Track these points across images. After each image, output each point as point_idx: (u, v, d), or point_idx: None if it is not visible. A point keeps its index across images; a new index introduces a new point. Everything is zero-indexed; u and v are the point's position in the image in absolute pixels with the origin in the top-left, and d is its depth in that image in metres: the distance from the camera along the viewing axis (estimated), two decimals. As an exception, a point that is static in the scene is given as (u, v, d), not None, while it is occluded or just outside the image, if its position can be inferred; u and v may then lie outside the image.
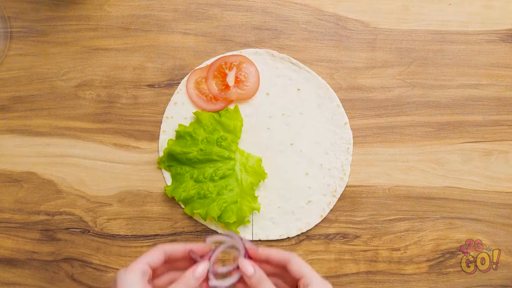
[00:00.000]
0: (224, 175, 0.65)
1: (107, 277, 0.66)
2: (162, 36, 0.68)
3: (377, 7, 0.68)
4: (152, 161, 0.67)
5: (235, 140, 0.66)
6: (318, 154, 0.67)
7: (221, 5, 0.68)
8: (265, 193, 0.67)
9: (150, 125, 0.67)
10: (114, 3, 0.68)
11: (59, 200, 0.67)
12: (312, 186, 0.67)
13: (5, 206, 0.67)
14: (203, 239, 0.67)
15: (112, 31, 0.68)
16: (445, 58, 0.68)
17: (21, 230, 0.67)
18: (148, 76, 0.67)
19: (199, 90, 0.67)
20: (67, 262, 0.66)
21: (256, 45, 0.68)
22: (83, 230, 0.67)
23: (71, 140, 0.67)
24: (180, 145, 0.65)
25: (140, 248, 0.66)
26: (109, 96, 0.67)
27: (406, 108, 0.68)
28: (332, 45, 0.68)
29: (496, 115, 0.68)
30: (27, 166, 0.67)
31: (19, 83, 0.67)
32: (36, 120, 0.67)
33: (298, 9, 0.68)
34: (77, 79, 0.67)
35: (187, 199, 0.65)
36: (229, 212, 0.64)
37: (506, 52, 0.68)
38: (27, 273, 0.66)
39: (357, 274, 0.67)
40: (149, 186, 0.67)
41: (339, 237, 0.67)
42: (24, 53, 0.67)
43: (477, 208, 0.67)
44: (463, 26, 0.69)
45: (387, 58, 0.68)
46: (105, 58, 0.67)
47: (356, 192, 0.67)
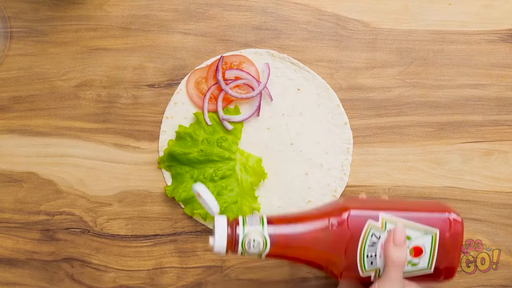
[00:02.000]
0: (224, 175, 0.65)
1: (107, 277, 0.67)
2: (162, 36, 0.68)
3: (377, 7, 0.68)
4: (152, 161, 0.67)
5: (235, 141, 0.66)
6: (318, 154, 0.67)
7: (221, 5, 0.68)
8: (265, 193, 0.67)
9: (150, 125, 0.67)
10: (114, 3, 0.68)
11: (59, 200, 0.67)
12: (312, 186, 0.67)
13: (5, 206, 0.67)
14: (203, 239, 0.67)
15: (112, 31, 0.68)
16: (445, 58, 0.68)
17: (21, 230, 0.67)
18: (148, 76, 0.68)
19: (199, 90, 0.67)
20: (67, 262, 0.66)
21: (256, 45, 0.68)
22: (83, 230, 0.67)
23: (71, 140, 0.67)
24: (180, 146, 0.65)
25: (140, 248, 0.67)
26: (109, 96, 0.67)
27: (406, 108, 0.68)
28: (332, 45, 0.68)
29: (496, 115, 0.68)
30: (27, 166, 0.67)
31: (19, 83, 0.67)
32: (36, 120, 0.67)
33: (298, 9, 0.68)
34: (77, 79, 0.67)
35: (187, 199, 0.65)
36: (229, 212, 0.64)
37: (506, 52, 0.68)
38: (27, 273, 0.66)
39: (357, 274, 0.67)
40: (149, 186, 0.67)
41: (339, 237, 0.67)
42: (24, 53, 0.67)
43: (477, 208, 0.67)
44: (463, 26, 0.69)
45: (387, 58, 0.68)
46: (105, 58, 0.67)
47: (356, 192, 0.67)
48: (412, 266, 0.52)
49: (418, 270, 0.53)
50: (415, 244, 0.52)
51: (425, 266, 0.52)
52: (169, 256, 0.67)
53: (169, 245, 0.67)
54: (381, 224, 0.51)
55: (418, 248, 0.52)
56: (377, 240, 0.51)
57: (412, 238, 0.52)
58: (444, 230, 0.52)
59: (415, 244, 0.52)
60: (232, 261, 0.67)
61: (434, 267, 0.52)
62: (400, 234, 0.51)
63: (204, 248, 0.67)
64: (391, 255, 0.50)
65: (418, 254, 0.52)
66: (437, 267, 0.52)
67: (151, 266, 0.67)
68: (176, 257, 0.67)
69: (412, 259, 0.52)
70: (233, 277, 0.67)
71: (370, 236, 0.51)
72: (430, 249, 0.52)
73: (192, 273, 0.67)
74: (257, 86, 0.66)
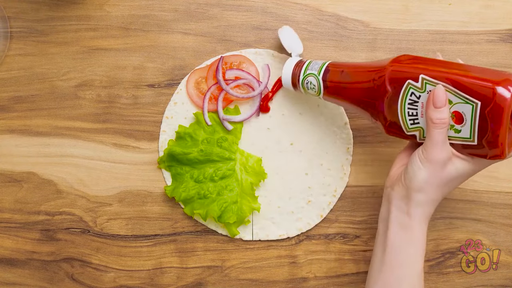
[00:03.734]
0: (224, 175, 0.65)
1: (107, 277, 0.67)
2: (162, 36, 0.68)
3: (377, 7, 0.68)
4: (152, 161, 0.67)
5: (235, 141, 0.66)
6: (318, 154, 0.67)
7: (221, 5, 0.68)
8: (265, 193, 0.67)
9: (150, 125, 0.67)
10: (114, 3, 0.68)
11: (59, 200, 0.67)
12: (312, 186, 0.67)
13: (5, 206, 0.67)
14: (203, 239, 0.67)
15: (112, 31, 0.68)
16: (445, 58, 0.68)
17: (21, 230, 0.67)
18: (148, 76, 0.67)
19: (199, 90, 0.67)
20: (67, 262, 0.66)
21: (256, 45, 0.68)
22: (83, 230, 0.67)
23: (71, 140, 0.67)
24: (180, 146, 0.65)
25: (140, 248, 0.67)
26: (109, 96, 0.67)
27: (406, 108, 0.68)
28: (332, 45, 0.68)
29: (496, 115, 0.68)
30: (27, 166, 0.67)
31: (19, 83, 0.67)
32: (36, 120, 0.67)
33: (298, 9, 0.68)
34: (77, 79, 0.67)
35: (187, 199, 0.65)
36: (229, 212, 0.64)
37: (506, 52, 0.68)
38: (27, 273, 0.66)
39: (357, 274, 0.67)
40: (149, 186, 0.67)
41: (339, 237, 0.67)
42: (24, 53, 0.67)
43: (477, 208, 0.67)
44: (463, 26, 0.68)
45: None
46: (105, 58, 0.67)
47: (356, 192, 0.67)
48: (455, 133, 0.51)
49: (462, 138, 0.51)
50: (455, 109, 0.50)
51: (468, 136, 0.50)
52: (169, 256, 0.67)
53: (169, 245, 0.67)
54: (421, 84, 0.51)
55: (459, 114, 0.50)
56: (418, 99, 0.52)
57: (453, 103, 0.50)
58: (486, 103, 0.47)
59: (455, 109, 0.50)
60: (232, 261, 0.67)
61: (477, 139, 0.49)
62: (439, 97, 0.50)
63: (204, 248, 0.67)
64: (431, 116, 0.50)
65: (459, 121, 0.50)
66: (480, 140, 0.49)
67: (151, 266, 0.67)
68: (176, 257, 0.67)
69: (454, 125, 0.50)
70: (233, 277, 0.67)
71: (409, 95, 0.52)
72: (470, 119, 0.49)
73: (192, 273, 0.67)
74: (257, 86, 0.66)
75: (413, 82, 0.51)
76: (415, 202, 0.52)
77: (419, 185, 0.52)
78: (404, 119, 0.53)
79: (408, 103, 0.52)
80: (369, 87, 0.54)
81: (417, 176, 0.52)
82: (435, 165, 0.51)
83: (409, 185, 0.52)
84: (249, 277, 0.67)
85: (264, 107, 0.66)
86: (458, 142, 0.51)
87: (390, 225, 0.54)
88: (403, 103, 0.52)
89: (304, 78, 0.60)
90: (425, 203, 0.52)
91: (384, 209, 0.56)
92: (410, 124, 0.53)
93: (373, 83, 0.54)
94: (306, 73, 0.60)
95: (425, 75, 0.51)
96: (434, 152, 0.50)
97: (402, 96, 0.52)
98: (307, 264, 0.67)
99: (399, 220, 0.53)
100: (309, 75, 0.60)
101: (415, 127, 0.53)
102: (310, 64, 0.60)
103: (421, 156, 0.51)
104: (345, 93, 0.57)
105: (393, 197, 0.54)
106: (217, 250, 0.67)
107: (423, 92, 0.51)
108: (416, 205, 0.52)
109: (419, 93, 0.51)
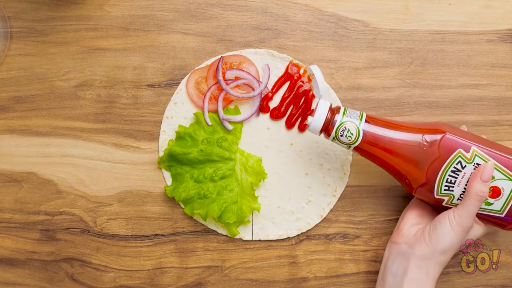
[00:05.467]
0: (224, 175, 0.65)
1: (107, 277, 0.67)
2: (162, 36, 0.68)
3: (377, 7, 0.68)
4: (152, 161, 0.67)
5: (235, 141, 0.66)
6: (318, 154, 0.67)
7: (221, 5, 0.68)
8: (265, 193, 0.67)
9: (150, 125, 0.67)
10: (114, 3, 0.68)
11: (59, 200, 0.67)
12: (312, 186, 0.67)
13: (5, 206, 0.67)
14: (203, 239, 0.67)
15: (112, 31, 0.68)
16: (445, 58, 0.68)
17: (21, 230, 0.67)
18: (148, 76, 0.68)
19: (199, 90, 0.67)
20: (67, 262, 0.66)
21: (256, 45, 0.68)
22: (83, 230, 0.67)
23: (71, 140, 0.67)
24: (180, 146, 0.65)
25: (140, 248, 0.67)
26: (109, 96, 0.67)
27: (406, 108, 0.68)
28: (332, 45, 0.68)
29: (496, 115, 0.68)
30: (27, 166, 0.67)
31: (19, 83, 0.67)
32: (36, 120, 0.67)
33: (298, 9, 0.68)
34: (77, 79, 0.67)
35: (187, 199, 0.65)
36: (229, 212, 0.64)
37: (506, 52, 0.68)
38: (27, 273, 0.66)
39: (357, 274, 0.67)
40: (149, 186, 0.67)
41: (339, 237, 0.67)
42: (24, 53, 0.67)
43: (477, 208, 0.67)
44: (463, 26, 0.69)
45: (387, 58, 0.68)
46: (105, 58, 0.67)
47: (356, 192, 0.67)
48: (485, 205, 0.55)
49: (490, 210, 0.56)
50: (496, 185, 0.54)
51: (498, 209, 0.55)
52: (169, 256, 0.67)
53: (169, 245, 0.67)
54: (471, 155, 0.54)
55: (497, 189, 0.55)
56: (461, 169, 0.54)
57: (495, 178, 0.54)
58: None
59: (496, 185, 0.54)
60: (232, 261, 0.67)
61: (506, 212, 0.55)
62: (488, 171, 0.53)
63: (204, 248, 0.67)
64: (476, 188, 0.53)
65: (496, 195, 0.55)
66: (509, 213, 0.56)
67: (151, 266, 0.67)
68: (176, 257, 0.67)
69: (488, 198, 0.55)
70: (233, 277, 0.67)
71: (455, 163, 0.54)
72: (508, 194, 0.54)
73: (192, 273, 0.67)
74: (257, 86, 0.66)
75: (464, 152, 0.54)
76: (437, 263, 0.56)
77: (445, 248, 0.55)
78: (441, 183, 0.55)
79: (451, 170, 0.55)
80: (416, 145, 0.55)
81: (446, 239, 0.55)
82: (463, 231, 0.55)
83: (435, 246, 0.55)
84: (249, 277, 0.67)
85: (264, 107, 0.66)
86: (485, 212, 0.56)
87: (406, 282, 0.56)
88: (446, 169, 0.55)
89: (340, 124, 0.56)
90: (444, 263, 0.56)
91: (396, 265, 0.58)
92: (444, 189, 0.56)
93: (421, 144, 0.55)
94: (343, 120, 0.56)
95: (476, 148, 0.54)
96: (467, 220, 0.55)
97: (448, 162, 0.54)
98: (307, 264, 0.67)
99: (417, 279, 0.56)
100: (348, 122, 0.56)
101: (448, 193, 0.56)
102: (347, 111, 0.57)
103: (452, 221, 0.55)
104: (383, 147, 0.56)
105: (412, 256, 0.56)
106: (217, 250, 0.67)
107: (469, 163, 0.54)
108: (436, 265, 0.56)
109: (466, 163, 0.54)
